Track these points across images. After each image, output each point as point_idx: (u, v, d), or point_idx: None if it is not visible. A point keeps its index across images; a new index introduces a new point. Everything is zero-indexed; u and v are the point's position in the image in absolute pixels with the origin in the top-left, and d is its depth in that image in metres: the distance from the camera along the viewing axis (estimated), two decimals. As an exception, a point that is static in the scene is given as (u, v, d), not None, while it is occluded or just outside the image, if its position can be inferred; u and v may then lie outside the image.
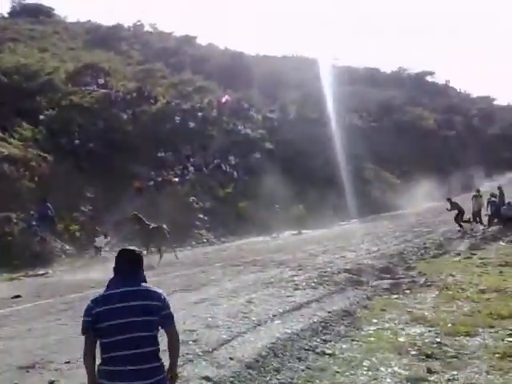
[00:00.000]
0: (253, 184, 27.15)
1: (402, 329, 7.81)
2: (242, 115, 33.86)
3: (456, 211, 20.64)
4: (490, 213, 20.62)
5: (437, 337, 7.25)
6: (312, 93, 42.10)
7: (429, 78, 65.41)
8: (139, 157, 23.06)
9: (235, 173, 27.55)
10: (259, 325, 7.59)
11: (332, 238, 20.20)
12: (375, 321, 8.33)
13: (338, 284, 10.73)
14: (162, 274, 13.16)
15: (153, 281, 11.96)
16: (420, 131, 44.10)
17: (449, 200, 21.39)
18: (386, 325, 8.10)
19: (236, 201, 25.41)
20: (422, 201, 33.45)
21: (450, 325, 7.78)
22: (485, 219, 20.62)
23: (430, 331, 7.59)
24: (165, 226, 17.53)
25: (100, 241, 19.59)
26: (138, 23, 55.89)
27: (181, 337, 6.99)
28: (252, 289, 10.23)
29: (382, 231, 21.78)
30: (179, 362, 3.89)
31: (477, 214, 20.57)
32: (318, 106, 38.57)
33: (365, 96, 48.95)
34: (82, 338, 3.21)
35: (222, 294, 9.52)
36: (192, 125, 29.63)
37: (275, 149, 30.99)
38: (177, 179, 24.14)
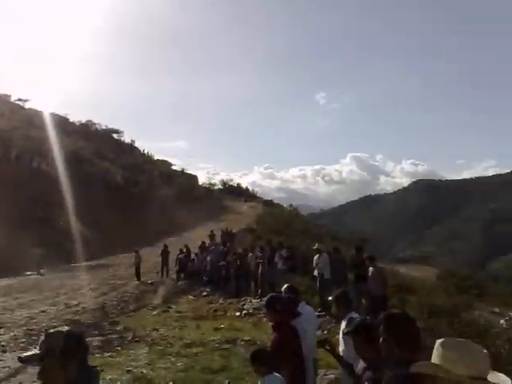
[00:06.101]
0: None
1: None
2: None
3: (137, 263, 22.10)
4: (177, 268, 22.65)
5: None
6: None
7: (116, 136, 67.65)
8: None
9: None
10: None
11: (23, 290, 18.46)
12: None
13: (49, 344, 9.95)
14: None
15: None
16: (108, 185, 44.84)
17: (136, 252, 22.65)
18: (111, 387, 8.01)
19: None
20: (113, 250, 33.69)
21: (171, 383, 8.13)
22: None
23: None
24: None
25: None
26: None
27: None
28: None
29: (78, 283, 21.01)
30: None
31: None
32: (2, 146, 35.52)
33: (54, 143, 47.32)
34: None
35: None
36: None
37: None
38: None
